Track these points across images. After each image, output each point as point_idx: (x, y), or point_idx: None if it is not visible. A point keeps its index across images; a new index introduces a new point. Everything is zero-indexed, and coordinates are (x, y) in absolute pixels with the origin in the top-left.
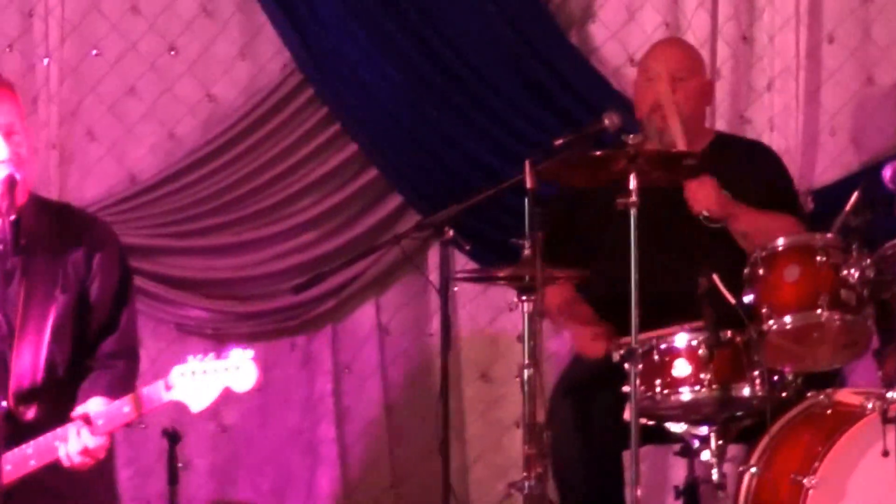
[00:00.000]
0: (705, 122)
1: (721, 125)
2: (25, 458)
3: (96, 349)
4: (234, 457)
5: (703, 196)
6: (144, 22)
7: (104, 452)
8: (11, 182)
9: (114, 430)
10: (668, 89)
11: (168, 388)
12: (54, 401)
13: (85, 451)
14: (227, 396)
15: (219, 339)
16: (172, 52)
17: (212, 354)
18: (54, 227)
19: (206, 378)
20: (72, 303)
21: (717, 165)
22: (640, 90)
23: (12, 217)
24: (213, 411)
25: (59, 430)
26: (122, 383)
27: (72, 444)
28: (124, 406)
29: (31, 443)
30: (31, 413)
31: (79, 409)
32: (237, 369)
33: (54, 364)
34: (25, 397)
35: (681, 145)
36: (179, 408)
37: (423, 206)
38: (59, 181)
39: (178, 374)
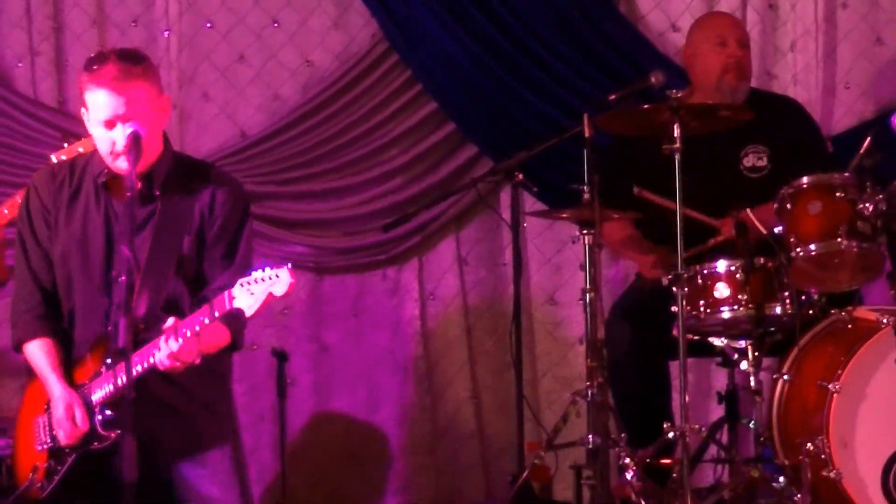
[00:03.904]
0: None
1: (751, 81)
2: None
3: (211, 282)
4: (332, 374)
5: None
6: None
7: (192, 356)
8: (136, 137)
9: (197, 336)
10: (745, 53)
11: (231, 298)
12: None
13: (172, 356)
14: (327, 322)
15: (318, 272)
16: (276, 25)
17: (260, 269)
18: (187, 179)
19: (255, 287)
20: (194, 242)
21: (756, 116)
22: (710, 55)
23: (142, 170)
24: (314, 334)
25: (155, 341)
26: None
27: (161, 351)
28: (202, 316)
29: (136, 353)
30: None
31: (168, 321)
32: (277, 277)
33: (175, 298)
34: (147, 323)
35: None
36: (282, 325)
37: (495, 154)
38: (178, 137)
39: (237, 287)
